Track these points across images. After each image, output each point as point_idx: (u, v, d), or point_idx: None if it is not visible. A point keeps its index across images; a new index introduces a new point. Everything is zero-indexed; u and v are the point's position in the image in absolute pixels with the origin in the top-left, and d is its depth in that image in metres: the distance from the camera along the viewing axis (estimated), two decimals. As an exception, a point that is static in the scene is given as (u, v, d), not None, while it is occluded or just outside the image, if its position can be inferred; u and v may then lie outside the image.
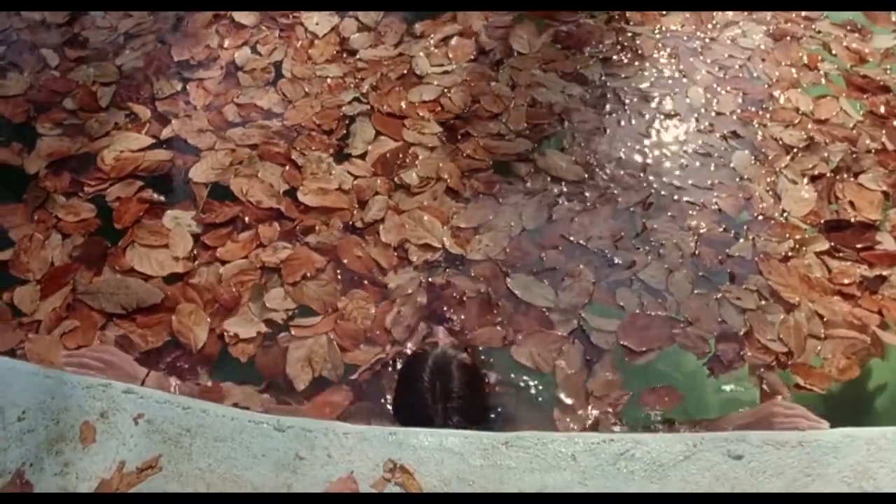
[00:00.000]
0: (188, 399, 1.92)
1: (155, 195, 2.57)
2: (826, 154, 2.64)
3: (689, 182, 2.57)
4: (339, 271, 2.37)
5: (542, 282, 2.33)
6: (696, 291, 2.29)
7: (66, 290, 2.32)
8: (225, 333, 2.22)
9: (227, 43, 3.11)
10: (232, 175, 2.62)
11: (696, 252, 2.38)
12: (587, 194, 2.55)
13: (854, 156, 2.64)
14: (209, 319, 2.26)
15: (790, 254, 2.36)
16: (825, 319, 2.22)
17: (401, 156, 2.68)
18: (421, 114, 2.81)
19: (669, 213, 2.49)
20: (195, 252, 2.41)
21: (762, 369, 2.13)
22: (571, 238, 2.43)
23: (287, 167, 2.65)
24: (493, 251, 2.40)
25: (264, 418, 1.88)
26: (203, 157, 2.68)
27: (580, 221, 2.46)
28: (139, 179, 2.61)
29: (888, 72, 2.93)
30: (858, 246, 2.38)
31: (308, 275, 2.34)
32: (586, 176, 2.61)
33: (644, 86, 2.90)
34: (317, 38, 3.13)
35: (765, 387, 2.10)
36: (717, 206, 2.50)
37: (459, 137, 2.73)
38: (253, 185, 2.58)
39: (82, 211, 2.52)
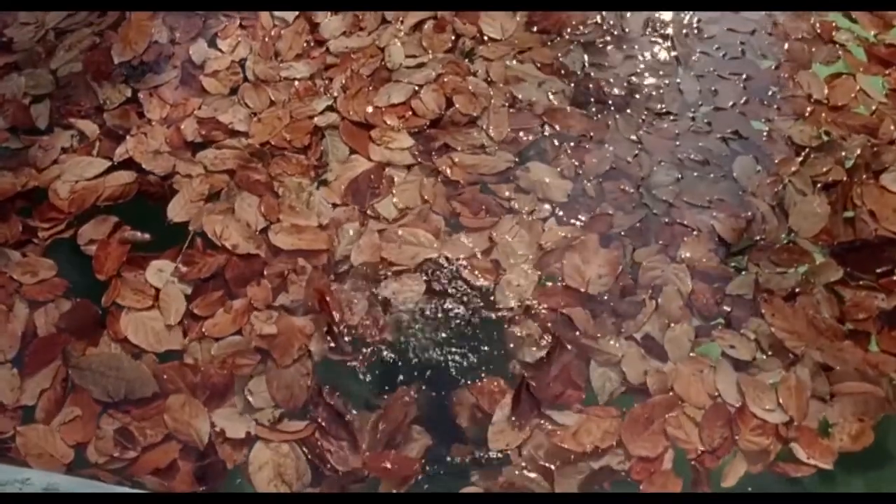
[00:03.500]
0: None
1: (138, 234, 2.28)
2: (842, 153, 2.30)
3: (684, 199, 2.26)
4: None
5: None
6: (692, 354, 2.03)
7: (55, 365, 2.07)
8: (212, 428, 1.98)
9: (178, 36, 2.76)
10: (207, 213, 2.31)
11: (692, 290, 2.11)
12: (579, 218, 2.27)
13: (874, 149, 2.29)
14: (205, 407, 2.01)
15: (797, 290, 2.08)
16: (835, 370, 1.95)
17: (372, 178, 2.38)
18: (389, 122, 2.49)
19: (661, 242, 2.20)
20: (184, 323, 2.14)
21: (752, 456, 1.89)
22: (571, 285, 2.14)
23: (265, 196, 2.34)
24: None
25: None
26: (177, 188, 2.37)
27: (572, 262, 2.17)
28: (106, 213, 2.32)
29: (918, 38, 2.53)
30: (878, 270, 2.09)
31: (302, 347, 2.08)
32: (573, 193, 2.31)
33: (632, 76, 2.54)
34: (287, 24, 2.75)
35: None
36: (714, 231, 2.20)
37: (434, 152, 2.41)
38: (228, 223, 2.29)
39: (40, 269, 2.23)
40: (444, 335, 2.10)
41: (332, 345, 2.08)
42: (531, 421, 1.96)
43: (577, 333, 2.06)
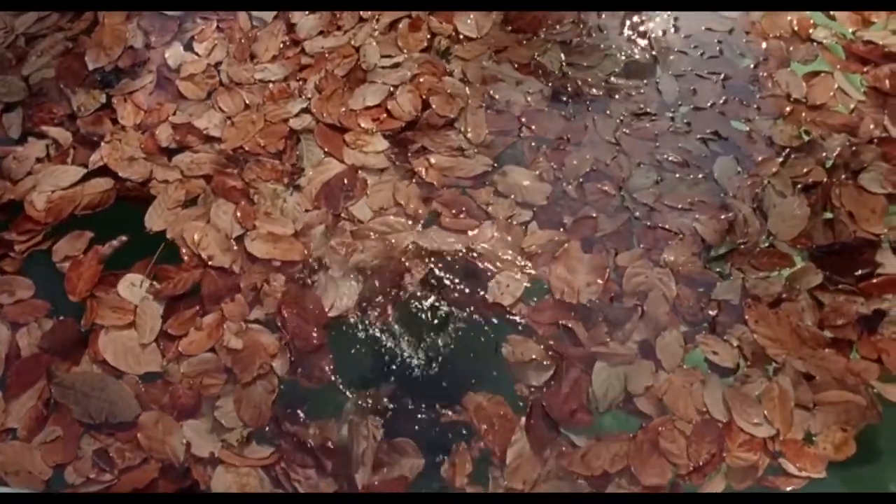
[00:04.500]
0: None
1: (114, 242, 2.14)
2: (823, 154, 2.17)
3: (665, 203, 2.13)
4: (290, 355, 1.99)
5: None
6: (683, 365, 1.91)
7: (40, 385, 1.95)
8: (182, 440, 1.88)
9: (153, 40, 2.59)
10: (184, 220, 2.18)
11: (676, 295, 1.99)
12: (562, 222, 2.14)
13: (853, 149, 2.17)
14: (180, 424, 1.89)
15: (783, 296, 1.96)
16: (815, 380, 1.85)
17: (346, 181, 2.24)
18: (364, 125, 2.34)
19: (643, 246, 2.08)
20: (161, 343, 2.00)
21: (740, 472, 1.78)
22: (561, 298, 2.01)
23: (241, 203, 2.20)
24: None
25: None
26: (154, 194, 2.22)
27: (558, 273, 2.04)
28: (82, 224, 2.17)
29: (896, 34, 2.39)
30: (856, 274, 1.97)
31: (264, 367, 1.95)
32: (553, 196, 2.18)
33: (611, 76, 2.39)
34: (265, 24, 2.59)
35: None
36: (696, 234, 2.08)
37: (411, 154, 2.28)
38: (206, 232, 2.15)
39: (18, 288, 2.09)
40: (430, 343, 1.99)
41: (292, 364, 1.97)
42: (548, 444, 1.84)
43: (579, 346, 1.95)
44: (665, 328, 1.94)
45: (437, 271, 2.07)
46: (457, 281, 2.06)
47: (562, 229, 2.12)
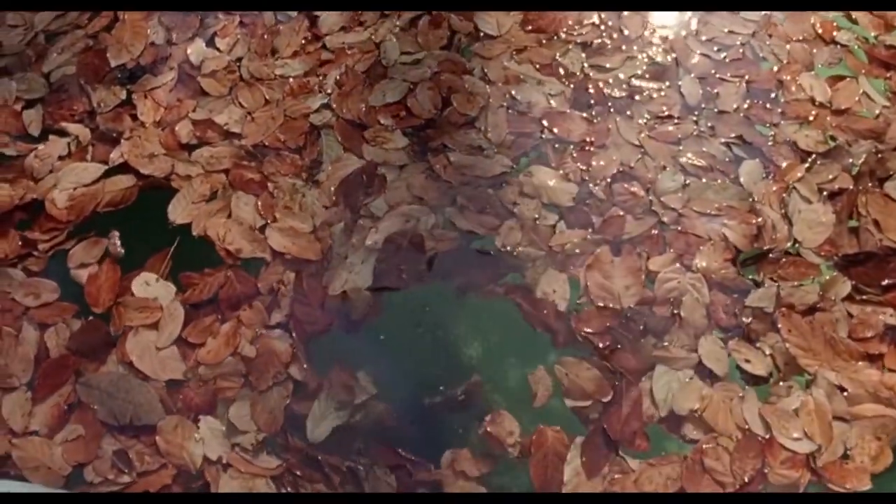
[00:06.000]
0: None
1: (115, 242, 1.96)
2: (849, 160, 1.97)
3: (694, 208, 1.93)
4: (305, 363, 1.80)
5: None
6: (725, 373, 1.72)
7: (67, 389, 1.77)
8: (196, 437, 1.71)
9: (175, 36, 2.36)
10: (206, 215, 2.01)
11: (710, 301, 1.80)
12: (590, 222, 1.95)
13: (879, 156, 1.96)
14: (197, 423, 1.73)
15: (818, 305, 1.77)
16: (848, 393, 1.66)
17: (365, 177, 2.05)
18: (383, 121, 2.15)
19: (674, 251, 1.88)
20: (183, 350, 1.82)
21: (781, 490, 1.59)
22: (606, 305, 1.82)
23: (262, 194, 2.03)
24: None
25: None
26: (177, 187, 2.05)
27: (595, 280, 1.85)
28: (105, 222, 2.00)
29: (917, 38, 2.17)
30: (883, 283, 1.78)
31: (278, 375, 1.78)
32: (580, 196, 1.99)
33: (632, 78, 2.18)
34: (290, 18, 2.38)
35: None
36: (727, 240, 1.88)
37: (430, 151, 2.09)
38: (230, 226, 1.97)
39: (43, 291, 1.90)
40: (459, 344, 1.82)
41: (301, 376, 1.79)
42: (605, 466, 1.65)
43: (632, 356, 1.76)
44: (703, 334, 1.76)
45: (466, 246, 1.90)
46: (489, 269, 1.87)
47: (590, 230, 1.93)
